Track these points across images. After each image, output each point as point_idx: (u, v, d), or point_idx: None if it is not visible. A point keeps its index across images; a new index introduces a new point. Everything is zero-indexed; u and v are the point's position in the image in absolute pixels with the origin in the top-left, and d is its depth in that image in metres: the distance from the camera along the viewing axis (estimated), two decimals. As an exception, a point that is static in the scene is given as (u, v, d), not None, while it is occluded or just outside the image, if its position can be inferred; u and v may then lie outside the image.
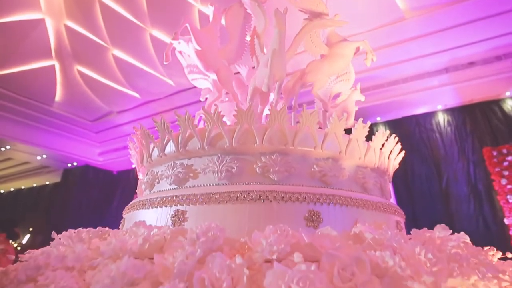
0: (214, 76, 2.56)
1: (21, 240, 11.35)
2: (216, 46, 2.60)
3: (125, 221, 2.09)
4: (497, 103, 6.99)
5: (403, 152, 2.34)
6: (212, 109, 1.83)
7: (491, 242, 1.83)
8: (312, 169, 1.79)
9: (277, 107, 1.91)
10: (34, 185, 14.39)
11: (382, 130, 2.12)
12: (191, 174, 1.85)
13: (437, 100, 7.27)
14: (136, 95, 8.68)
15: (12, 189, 15.24)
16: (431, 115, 7.62)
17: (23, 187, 14.84)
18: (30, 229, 12.01)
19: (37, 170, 12.97)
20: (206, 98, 2.85)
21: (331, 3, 2.70)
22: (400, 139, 2.30)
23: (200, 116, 2.33)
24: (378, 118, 7.97)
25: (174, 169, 1.88)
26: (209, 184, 1.77)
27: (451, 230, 1.73)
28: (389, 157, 2.21)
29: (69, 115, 9.65)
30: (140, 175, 2.35)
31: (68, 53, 7.44)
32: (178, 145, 1.88)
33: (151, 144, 2.06)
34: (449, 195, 6.89)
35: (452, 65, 6.52)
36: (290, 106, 2.65)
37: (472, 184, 6.71)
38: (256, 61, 2.60)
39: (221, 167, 1.76)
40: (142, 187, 2.16)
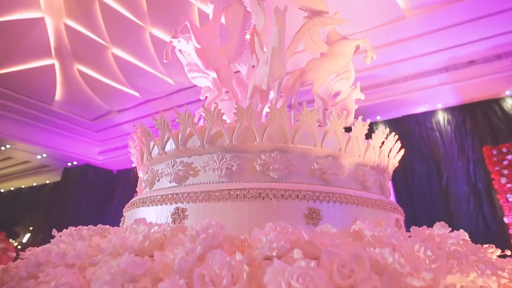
0: (214, 75, 2.56)
1: (22, 239, 11.37)
2: (216, 45, 2.60)
3: (125, 219, 2.09)
4: (497, 102, 7.00)
5: (403, 150, 2.33)
6: (212, 107, 1.84)
7: (491, 241, 1.83)
8: (312, 167, 1.79)
9: (277, 105, 1.91)
10: (34, 184, 14.41)
11: (382, 128, 2.12)
12: (191, 172, 1.85)
13: (437, 99, 7.28)
14: (136, 94, 8.68)
15: (12, 188, 15.27)
16: (431, 114, 7.63)
17: (23, 186, 14.87)
18: (31, 228, 12.03)
19: (37, 169, 13.00)
20: (206, 97, 2.85)
21: (331, 2, 2.70)
22: (400, 138, 2.29)
23: (200, 115, 2.34)
24: (378, 117, 7.98)
25: (174, 167, 1.88)
26: (209, 182, 1.77)
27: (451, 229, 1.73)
28: (389, 155, 2.21)
29: (69, 114, 9.66)
30: (140, 173, 2.36)
31: (68, 52, 7.44)
32: (178, 143, 1.88)
33: (151, 142, 2.06)
34: (449, 194, 6.90)
35: (452, 64, 6.52)
36: (290, 105, 2.65)
37: (472, 183, 6.72)
38: (256, 59, 2.60)
39: (221, 165, 1.76)
40: (142, 185, 2.16)
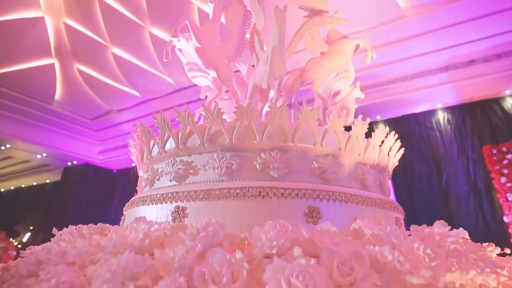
0: (214, 74, 2.56)
1: (22, 239, 11.39)
2: (216, 44, 2.59)
3: (125, 218, 2.10)
4: (497, 101, 7.00)
5: (403, 149, 2.33)
6: (212, 106, 1.84)
7: (491, 240, 1.83)
8: (312, 166, 1.79)
9: (277, 104, 1.91)
10: (34, 184, 14.41)
11: (382, 127, 2.12)
12: (191, 171, 1.86)
13: (437, 98, 7.28)
14: (136, 94, 8.68)
15: (12, 188, 15.27)
16: (431, 113, 7.63)
17: (23, 186, 14.87)
18: (31, 228, 12.03)
19: (37, 169, 13.00)
20: (206, 96, 2.85)
21: (331, 1, 2.69)
22: (400, 138, 2.29)
23: (200, 114, 2.34)
24: (378, 116, 7.98)
25: (174, 166, 1.88)
26: (209, 181, 1.77)
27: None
28: (389, 154, 2.21)
29: (69, 114, 9.65)
30: (140, 172, 2.36)
31: (68, 52, 7.43)
32: (178, 142, 1.88)
33: (151, 141, 2.06)
34: (449, 193, 6.91)
35: (452, 63, 6.52)
36: (290, 104, 2.66)
37: (472, 182, 6.73)
38: (256, 59, 2.60)
39: (221, 164, 1.76)
40: (142, 184, 2.17)
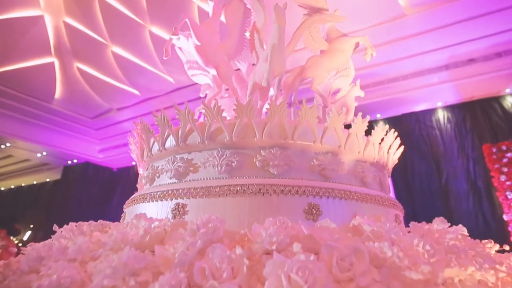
0: (214, 72, 2.56)
1: (22, 237, 11.40)
2: (216, 42, 2.59)
3: (126, 215, 2.10)
4: (497, 100, 7.00)
5: (402, 147, 2.34)
6: (212, 104, 1.84)
7: (491, 238, 1.82)
8: (312, 163, 1.80)
9: (277, 102, 1.91)
10: (35, 182, 14.42)
11: (382, 125, 2.13)
12: (191, 168, 1.86)
13: (437, 97, 7.28)
14: (136, 92, 8.67)
15: (13, 187, 15.28)
16: (431, 112, 7.64)
17: (24, 185, 14.88)
18: (31, 226, 12.05)
19: (37, 167, 13.01)
20: (206, 94, 2.85)
21: (331, -1, 2.70)
22: (400, 136, 2.30)
23: (200, 112, 2.34)
24: (378, 115, 7.98)
25: (174, 163, 1.89)
26: (209, 178, 1.78)
27: (450, 227, 1.73)
28: (388, 152, 2.22)
29: (69, 112, 9.65)
30: (141, 170, 2.36)
31: (68, 50, 7.43)
32: (178, 140, 1.88)
33: (151, 139, 2.07)
34: (449, 192, 6.92)
35: (452, 62, 6.52)
36: (290, 102, 2.66)
37: (472, 181, 6.74)
38: (256, 57, 2.60)
39: (221, 161, 1.77)
40: (143, 182, 2.17)
